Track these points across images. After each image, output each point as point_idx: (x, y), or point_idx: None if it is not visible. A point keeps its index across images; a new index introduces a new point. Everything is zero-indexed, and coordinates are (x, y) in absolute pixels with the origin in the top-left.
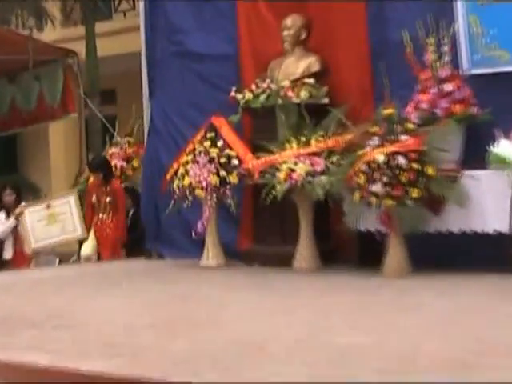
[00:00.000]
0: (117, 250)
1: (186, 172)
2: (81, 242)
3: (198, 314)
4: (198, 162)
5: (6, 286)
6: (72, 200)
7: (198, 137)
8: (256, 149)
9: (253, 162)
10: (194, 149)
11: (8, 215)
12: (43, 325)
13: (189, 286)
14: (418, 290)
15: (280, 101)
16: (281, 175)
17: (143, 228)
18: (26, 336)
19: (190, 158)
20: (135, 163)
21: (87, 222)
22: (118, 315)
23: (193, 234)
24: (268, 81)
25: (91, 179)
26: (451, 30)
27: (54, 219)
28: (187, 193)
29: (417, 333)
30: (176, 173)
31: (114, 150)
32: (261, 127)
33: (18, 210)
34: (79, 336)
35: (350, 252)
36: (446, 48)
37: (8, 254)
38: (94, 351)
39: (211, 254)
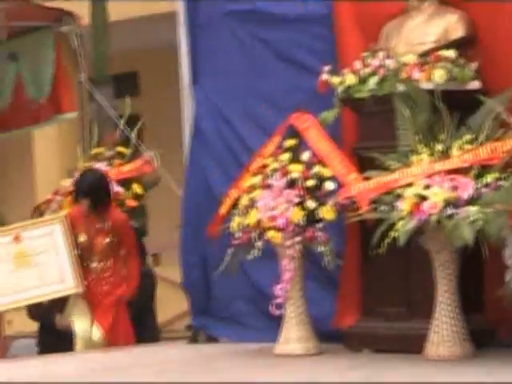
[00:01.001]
0: (121, 319)
1: (252, 203)
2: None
3: None
4: (270, 187)
5: None
6: (57, 230)
7: (271, 146)
8: (364, 164)
9: (359, 186)
10: (265, 166)
11: None
12: None
13: None
14: None
15: (401, 87)
16: (404, 206)
17: (143, 301)
18: None
19: (257, 180)
20: (138, 189)
21: None
22: None
23: (270, 307)
24: (381, 55)
25: (69, 209)
26: None
27: (25, 261)
28: (254, 237)
29: None
30: (235, 205)
31: (98, 165)
32: (370, 129)
33: None
34: None
35: None
36: None
37: None
38: None
39: (294, 336)
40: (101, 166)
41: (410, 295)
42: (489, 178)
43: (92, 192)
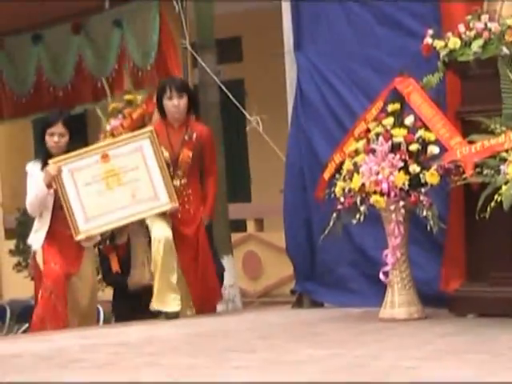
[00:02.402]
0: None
1: (356, 168)
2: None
3: None
4: (374, 152)
5: None
6: (146, 145)
7: (374, 111)
8: (468, 128)
9: (463, 150)
10: (368, 130)
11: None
12: None
13: (366, 352)
14: None
15: (505, 49)
16: (509, 170)
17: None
18: None
19: (361, 144)
20: None
21: None
22: None
23: (380, 275)
24: (485, 17)
25: (155, 117)
26: None
27: (116, 180)
28: (358, 201)
29: None
30: (339, 169)
31: (113, 122)
32: (474, 93)
33: (50, 169)
34: None
35: None
36: None
37: (36, 243)
38: None
39: (399, 300)
40: (115, 121)
41: None
42: None
43: (187, 88)
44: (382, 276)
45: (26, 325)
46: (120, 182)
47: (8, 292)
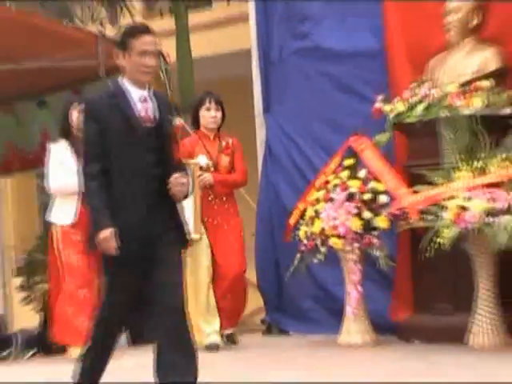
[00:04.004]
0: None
1: (317, 214)
2: None
3: None
4: (332, 200)
5: None
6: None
7: (332, 165)
8: (413, 180)
9: (409, 199)
10: (327, 182)
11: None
12: None
13: (328, 372)
14: None
15: (445, 112)
16: (448, 216)
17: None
18: None
19: (321, 194)
20: None
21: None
22: None
23: (348, 309)
24: (428, 85)
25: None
26: None
27: None
28: (319, 243)
29: None
30: (303, 216)
31: None
32: (418, 150)
33: None
34: None
35: None
36: None
37: (58, 218)
38: None
39: (354, 328)
40: None
41: (455, 293)
42: None
43: (222, 103)
44: (348, 309)
45: (32, 351)
46: None
47: (17, 322)
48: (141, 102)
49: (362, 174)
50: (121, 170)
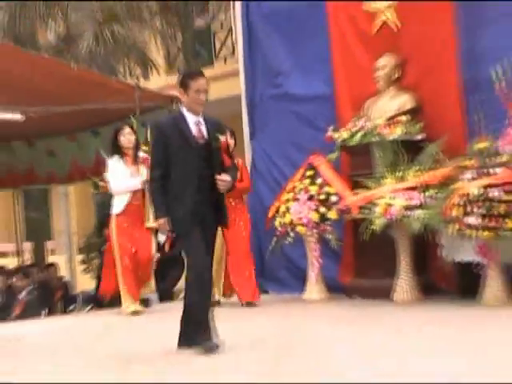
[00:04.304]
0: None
1: (287, 209)
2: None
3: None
4: (298, 200)
5: None
6: None
7: (298, 175)
8: (354, 185)
9: (351, 199)
10: (295, 187)
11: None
12: None
13: (295, 319)
14: None
15: (376, 138)
16: (379, 210)
17: (175, 276)
18: None
19: (290, 195)
20: None
21: None
22: None
23: (311, 275)
24: (364, 119)
25: None
26: None
27: None
28: (289, 230)
29: None
30: (278, 211)
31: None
32: (358, 164)
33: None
34: None
35: (449, 284)
36: None
37: (114, 209)
38: None
39: (315, 289)
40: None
41: (385, 263)
42: (430, 192)
43: (233, 132)
44: (311, 275)
45: (90, 306)
46: None
47: (79, 286)
48: (195, 125)
49: (319, 181)
50: (181, 173)
